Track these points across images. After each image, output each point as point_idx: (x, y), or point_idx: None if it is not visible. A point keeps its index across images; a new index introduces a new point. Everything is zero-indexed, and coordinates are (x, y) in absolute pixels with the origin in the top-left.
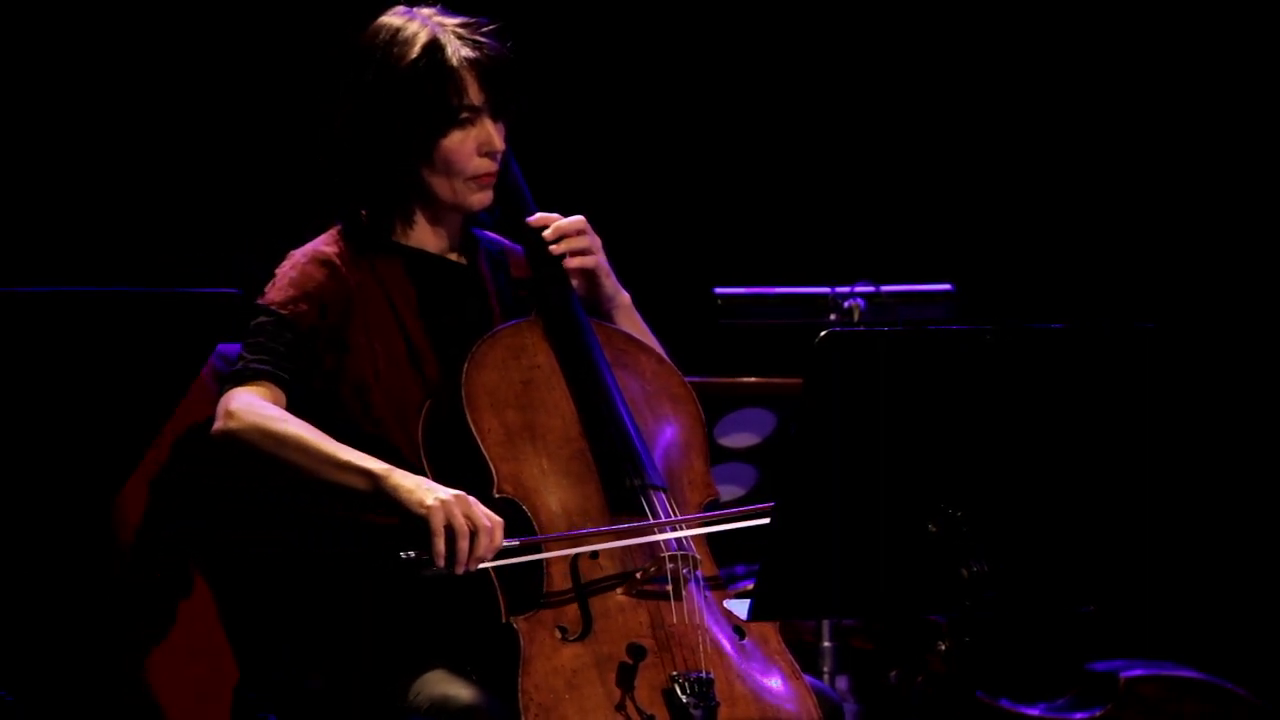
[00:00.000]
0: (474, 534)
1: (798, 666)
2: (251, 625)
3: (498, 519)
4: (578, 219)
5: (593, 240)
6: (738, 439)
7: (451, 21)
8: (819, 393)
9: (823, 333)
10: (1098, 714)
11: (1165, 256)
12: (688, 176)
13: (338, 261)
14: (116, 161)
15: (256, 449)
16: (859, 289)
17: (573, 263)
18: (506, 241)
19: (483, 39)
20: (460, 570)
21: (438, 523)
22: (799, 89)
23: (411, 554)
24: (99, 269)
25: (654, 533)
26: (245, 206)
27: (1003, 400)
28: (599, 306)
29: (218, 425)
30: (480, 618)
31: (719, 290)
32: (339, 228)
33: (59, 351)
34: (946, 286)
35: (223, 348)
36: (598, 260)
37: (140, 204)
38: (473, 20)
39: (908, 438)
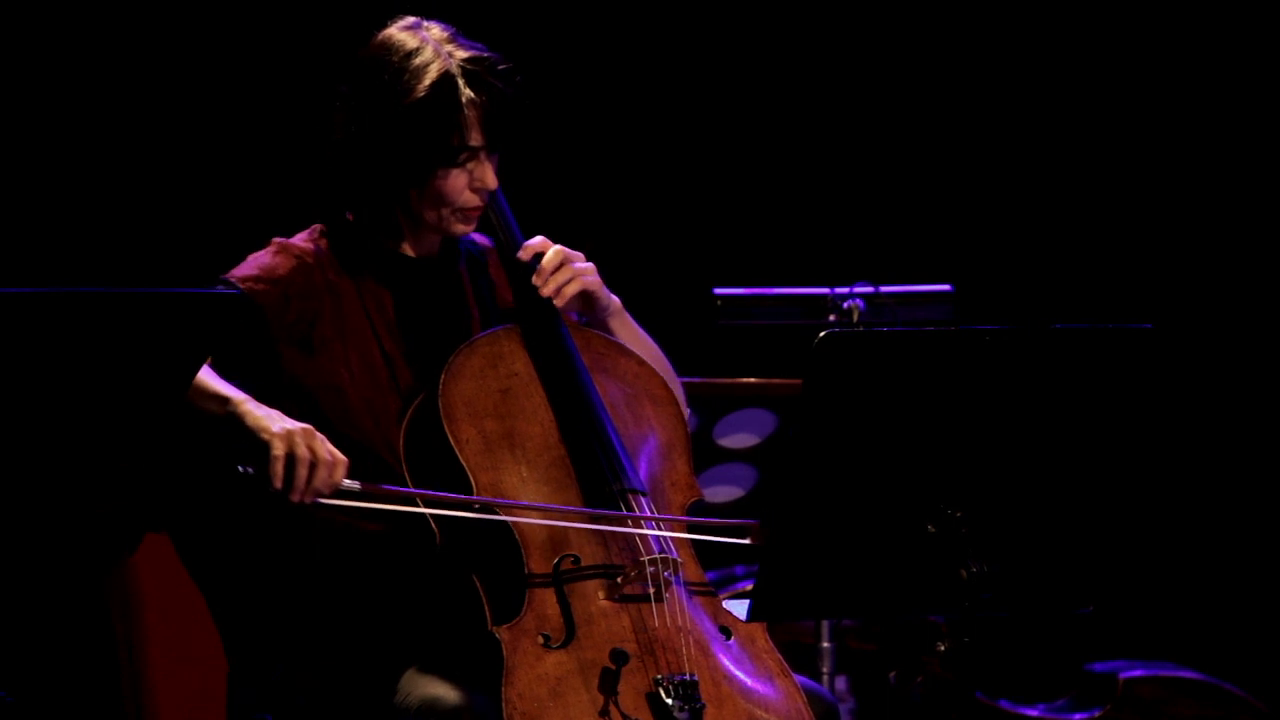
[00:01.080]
0: (314, 466)
1: (786, 665)
2: (244, 627)
3: (342, 457)
4: (556, 253)
5: (577, 264)
6: (737, 439)
7: (461, 54)
8: (818, 393)
9: (822, 333)
10: (1097, 714)
11: (1163, 257)
12: (687, 178)
13: (311, 260)
14: (117, 162)
15: None
16: (858, 290)
17: (569, 290)
18: (485, 239)
19: (493, 80)
20: (295, 498)
21: (279, 448)
22: (798, 91)
23: (250, 470)
24: (100, 269)
25: (628, 525)
26: (244, 207)
27: (1001, 401)
28: (593, 318)
29: None
30: (467, 624)
31: (718, 291)
32: (320, 227)
33: (59, 352)
34: (945, 287)
35: None
36: (585, 282)
37: (140, 204)
38: (486, 56)
39: (907, 438)
